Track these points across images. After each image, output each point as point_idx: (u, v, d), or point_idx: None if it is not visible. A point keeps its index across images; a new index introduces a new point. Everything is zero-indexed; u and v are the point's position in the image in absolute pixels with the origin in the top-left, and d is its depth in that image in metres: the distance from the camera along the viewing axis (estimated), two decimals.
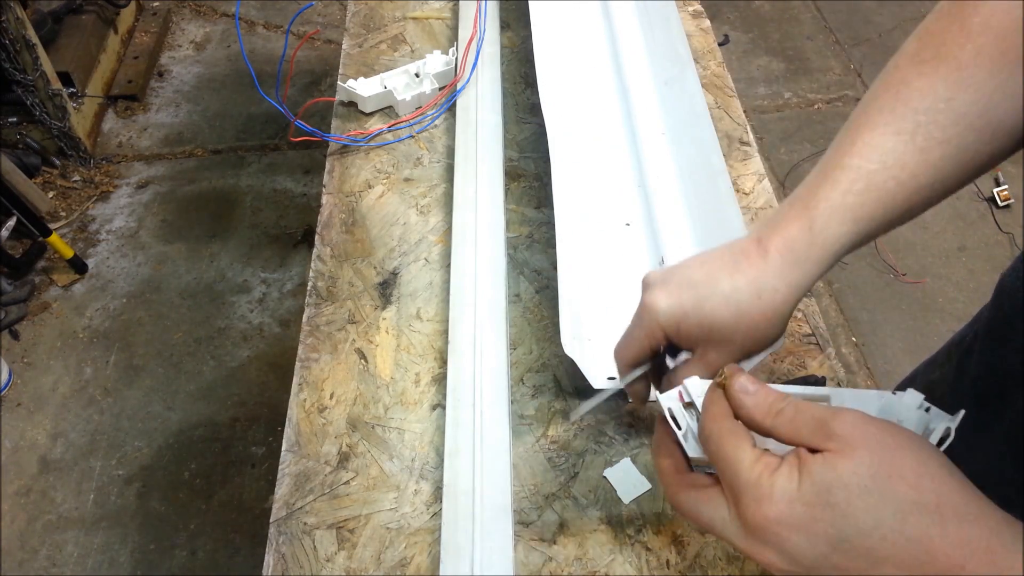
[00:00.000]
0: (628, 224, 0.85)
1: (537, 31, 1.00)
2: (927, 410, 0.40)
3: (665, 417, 0.45)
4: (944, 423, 0.39)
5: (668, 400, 0.45)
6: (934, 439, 0.38)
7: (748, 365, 0.49)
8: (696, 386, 0.44)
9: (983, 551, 0.32)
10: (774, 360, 0.76)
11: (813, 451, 0.36)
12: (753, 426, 0.40)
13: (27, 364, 1.93)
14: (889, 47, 2.71)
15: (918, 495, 0.33)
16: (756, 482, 0.36)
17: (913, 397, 0.41)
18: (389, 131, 0.97)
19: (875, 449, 0.34)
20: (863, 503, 0.33)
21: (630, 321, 0.51)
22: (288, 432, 0.71)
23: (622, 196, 0.88)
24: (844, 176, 0.46)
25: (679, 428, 0.44)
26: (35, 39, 2.04)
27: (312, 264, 0.84)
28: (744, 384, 0.41)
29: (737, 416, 0.40)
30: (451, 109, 0.99)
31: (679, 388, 0.45)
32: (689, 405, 0.45)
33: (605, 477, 0.68)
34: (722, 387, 0.42)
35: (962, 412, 0.40)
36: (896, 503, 0.33)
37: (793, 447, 0.38)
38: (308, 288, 0.82)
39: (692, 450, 0.43)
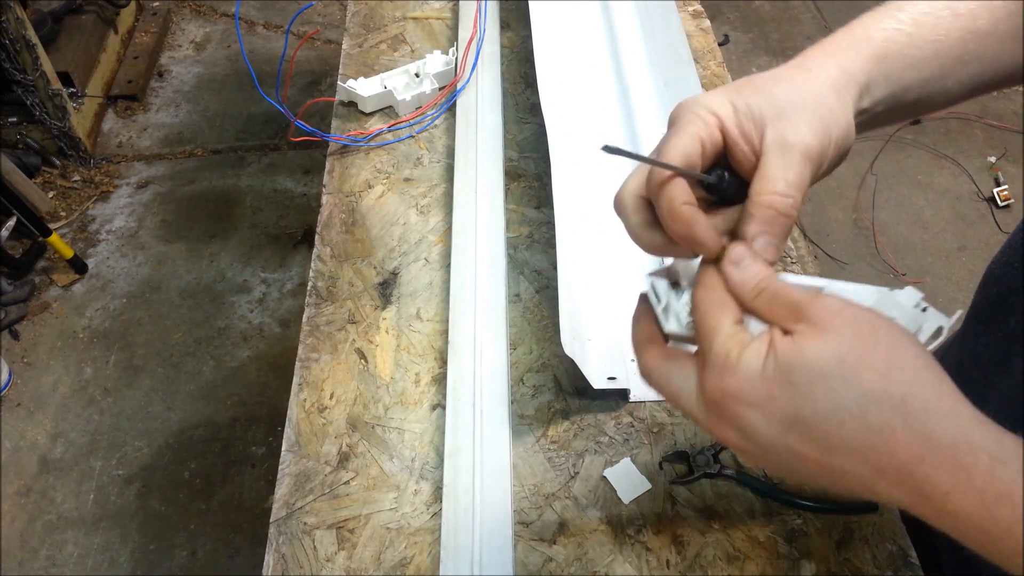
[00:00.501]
0: None
1: (537, 31, 1.00)
2: (924, 310, 0.38)
3: (648, 293, 0.44)
4: (937, 321, 0.38)
5: (652, 276, 0.44)
6: (924, 336, 0.37)
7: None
8: (684, 267, 0.43)
9: (947, 447, 0.31)
10: None
11: (786, 333, 0.35)
12: (737, 301, 0.38)
13: (27, 364, 1.93)
14: None
15: (885, 385, 0.32)
16: (725, 354, 0.35)
17: (910, 296, 0.39)
18: (389, 131, 0.97)
19: (846, 336, 0.34)
20: (824, 387, 0.33)
21: (667, 135, 0.42)
22: (288, 432, 0.71)
23: None
24: (859, 27, 0.45)
25: (659, 301, 0.43)
26: (35, 39, 2.04)
27: (312, 264, 0.84)
28: (739, 254, 0.39)
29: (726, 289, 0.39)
30: (451, 109, 0.99)
31: (667, 267, 0.44)
32: (675, 285, 0.43)
33: (605, 477, 0.68)
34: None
35: (959, 312, 0.39)
36: (859, 391, 0.32)
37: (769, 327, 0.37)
38: (308, 288, 0.82)
39: (670, 325, 0.42)
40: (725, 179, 0.42)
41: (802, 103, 0.40)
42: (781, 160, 0.39)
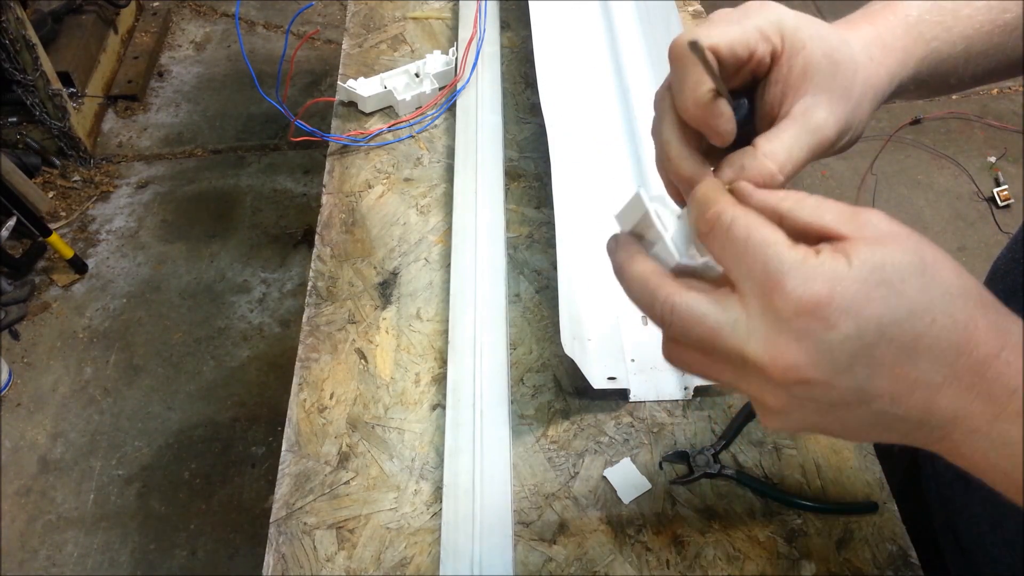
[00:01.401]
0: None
1: (537, 31, 1.00)
2: None
3: (652, 219, 0.38)
4: None
5: (652, 202, 0.39)
6: None
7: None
8: (673, 208, 0.39)
9: (1014, 343, 0.32)
10: None
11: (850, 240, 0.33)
12: (768, 209, 0.35)
13: (27, 364, 1.93)
14: None
15: (963, 282, 0.32)
16: (802, 262, 0.31)
17: None
18: (389, 131, 0.97)
19: (915, 237, 0.33)
20: (917, 282, 0.31)
21: (726, 20, 0.38)
22: (288, 432, 0.71)
23: (622, 196, 0.88)
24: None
25: (666, 229, 0.38)
26: (35, 39, 2.04)
27: (312, 264, 0.84)
28: (761, 167, 0.36)
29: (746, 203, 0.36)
30: (451, 109, 0.99)
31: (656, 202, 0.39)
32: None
33: (605, 477, 0.68)
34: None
35: None
36: (945, 286, 0.32)
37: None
38: (308, 288, 0.82)
39: (681, 255, 0.37)
40: (742, 110, 0.39)
41: (851, 81, 0.39)
42: (799, 136, 0.38)
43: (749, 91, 0.40)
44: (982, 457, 0.33)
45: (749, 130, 0.40)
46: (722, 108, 0.37)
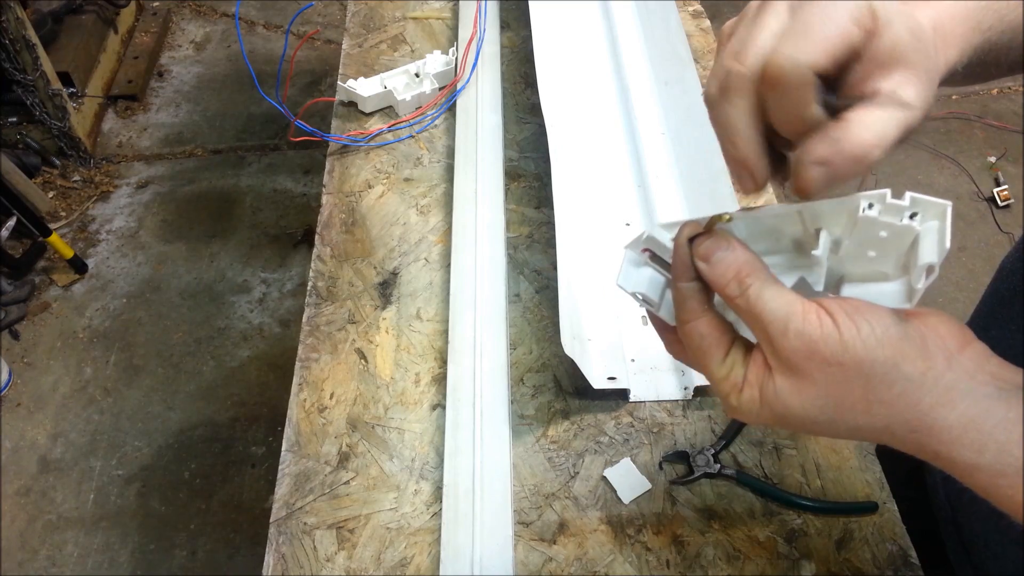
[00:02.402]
0: (628, 224, 0.85)
1: (537, 31, 1.00)
2: (913, 216, 0.37)
3: (638, 301, 0.42)
4: (927, 259, 0.37)
5: (633, 284, 0.41)
6: (917, 280, 0.36)
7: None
8: (662, 236, 0.41)
9: (944, 458, 0.34)
10: None
11: (767, 365, 0.36)
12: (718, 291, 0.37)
13: (27, 364, 1.93)
14: None
15: (868, 419, 0.35)
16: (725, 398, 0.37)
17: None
18: (389, 131, 0.97)
19: (821, 383, 0.35)
20: (812, 427, 0.36)
21: (799, 11, 0.35)
22: (288, 432, 0.71)
23: (622, 196, 0.88)
24: None
25: (657, 304, 0.41)
26: (35, 39, 2.04)
27: (312, 264, 0.84)
28: (708, 248, 0.38)
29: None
30: (451, 109, 0.99)
31: (635, 252, 0.41)
32: (655, 258, 0.41)
33: (605, 477, 0.68)
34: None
35: (949, 205, 0.39)
36: (847, 426, 0.35)
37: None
38: (308, 288, 0.82)
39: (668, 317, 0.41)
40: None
41: (934, 60, 0.37)
42: (892, 113, 0.35)
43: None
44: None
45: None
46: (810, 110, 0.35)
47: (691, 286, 0.39)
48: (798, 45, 0.33)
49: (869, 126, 0.34)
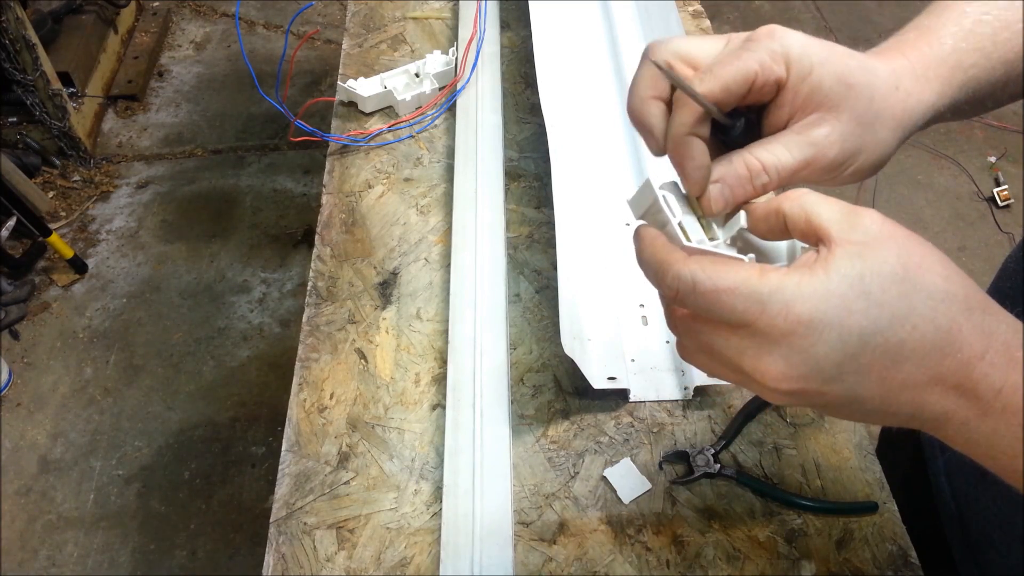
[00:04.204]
0: (628, 224, 0.85)
1: (537, 31, 1.00)
2: None
3: (650, 212, 0.40)
4: None
5: (663, 188, 0.41)
6: None
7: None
8: (676, 189, 0.41)
9: (1002, 343, 0.32)
10: None
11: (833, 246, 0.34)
12: (771, 211, 0.37)
13: (27, 364, 1.93)
14: None
15: (948, 286, 0.33)
16: (779, 287, 0.33)
17: None
18: (389, 131, 0.97)
19: (902, 242, 0.34)
20: (897, 290, 0.32)
21: (728, 53, 0.40)
22: (288, 432, 0.71)
23: (622, 196, 0.88)
24: (970, 8, 0.44)
25: (674, 215, 0.40)
26: (35, 39, 2.04)
27: (312, 264, 0.84)
28: (756, 165, 0.39)
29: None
30: (451, 109, 0.99)
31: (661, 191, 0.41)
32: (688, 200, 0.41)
33: (605, 477, 0.68)
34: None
35: None
36: (927, 291, 0.33)
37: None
38: (308, 288, 0.82)
39: (694, 240, 0.39)
40: (738, 128, 0.41)
41: (868, 101, 0.40)
42: (792, 143, 0.39)
43: (758, 110, 0.41)
44: (974, 447, 0.34)
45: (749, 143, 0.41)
46: (696, 150, 0.39)
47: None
48: (702, 76, 0.38)
49: (760, 155, 0.38)
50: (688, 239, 0.39)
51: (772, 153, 0.39)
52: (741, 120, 0.41)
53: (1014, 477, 0.34)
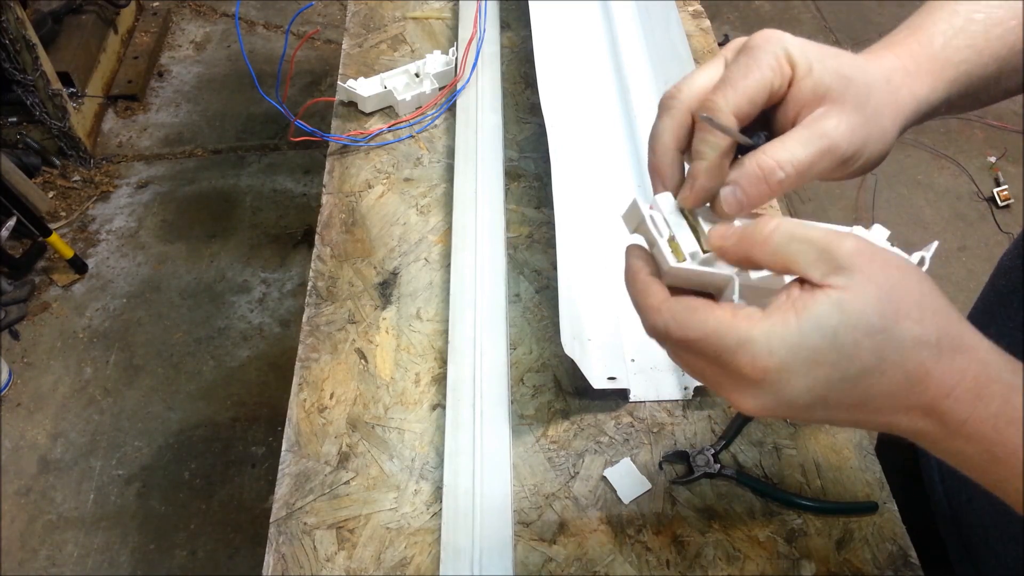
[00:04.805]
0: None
1: (537, 31, 1.00)
2: (892, 244, 0.40)
3: (640, 229, 0.40)
4: (918, 253, 0.40)
5: (652, 208, 0.40)
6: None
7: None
8: (667, 203, 0.40)
9: (971, 379, 0.33)
10: None
11: (814, 286, 0.34)
12: (740, 251, 0.37)
13: (27, 364, 1.93)
14: None
15: (921, 330, 0.33)
16: (747, 338, 0.34)
17: (880, 232, 0.41)
18: (389, 131, 0.97)
19: (882, 284, 0.34)
20: (871, 343, 0.33)
21: (732, 65, 0.40)
22: (288, 432, 0.71)
23: (622, 196, 0.88)
24: (961, 7, 0.45)
25: (661, 234, 0.39)
26: (35, 39, 2.04)
27: (312, 264, 0.84)
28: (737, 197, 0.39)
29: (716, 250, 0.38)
30: (451, 109, 0.99)
31: (649, 211, 0.40)
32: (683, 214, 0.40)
33: (605, 477, 0.68)
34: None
35: (935, 243, 0.41)
36: (900, 341, 0.33)
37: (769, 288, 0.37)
38: (308, 288, 0.82)
39: (672, 261, 0.38)
40: (762, 141, 0.40)
41: (864, 96, 0.40)
42: (804, 138, 0.39)
43: (768, 113, 0.42)
44: (947, 458, 0.36)
45: None
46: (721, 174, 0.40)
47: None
48: (726, 94, 0.39)
49: (773, 152, 0.39)
50: (679, 256, 0.39)
51: (786, 149, 0.39)
52: (763, 134, 0.41)
53: (989, 486, 0.35)
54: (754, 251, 0.36)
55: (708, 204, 0.41)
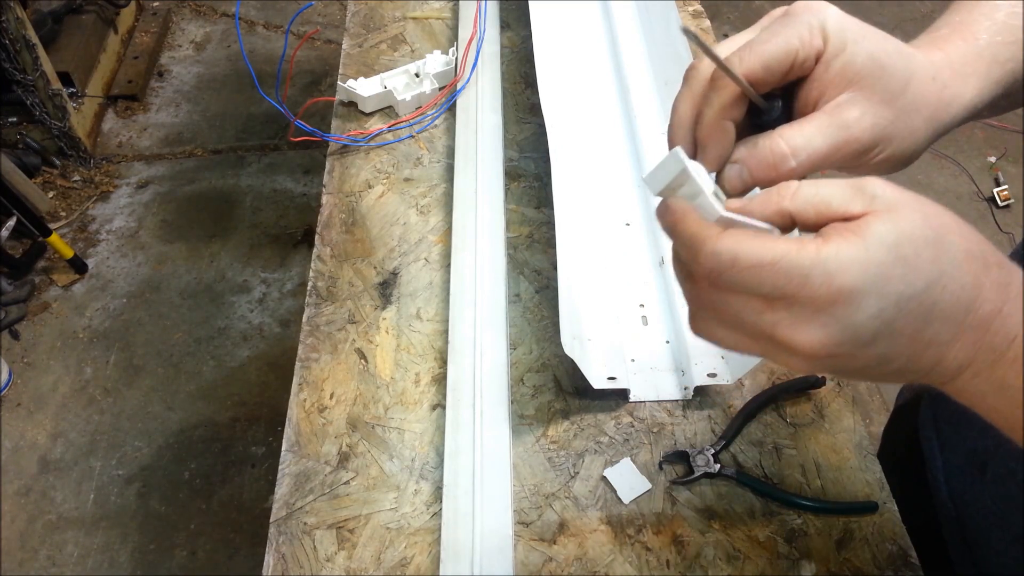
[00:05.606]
0: (628, 224, 0.85)
1: (537, 31, 1.00)
2: None
3: (673, 184, 0.37)
4: None
5: (690, 161, 0.38)
6: None
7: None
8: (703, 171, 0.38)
9: (1015, 296, 0.34)
10: None
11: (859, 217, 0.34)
12: (774, 215, 0.35)
13: (27, 364, 1.93)
14: None
15: (968, 244, 0.34)
16: (820, 258, 0.32)
17: None
18: (389, 131, 0.97)
19: (922, 206, 0.34)
20: (929, 254, 0.33)
21: (767, 30, 0.39)
22: (288, 432, 0.71)
23: (622, 196, 0.88)
24: (1001, 3, 0.44)
25: (706, 186, 0.37)
26: (35, 39, 2.04)
27: (312, 264, 0.84)
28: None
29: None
30: (451, 109, 0.99)
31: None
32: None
33: (605, 477, 0.68)
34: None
35: None
36: (954, 252, 0.33)
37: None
38: (308, 288, 0.82)
39: (720, 209, 0.36)
40: (776, 110, 0.39)
41: (899, 89, 0.39)
42: (824, 125, 0.38)
43: (789, 91, 0.40)
44: (981, 399, 0.35)
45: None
46: (727, 136, 0.39)
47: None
48: (741, 54, 0.38)
49: (789, 137, 0.37)
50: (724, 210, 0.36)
51: (803, 135, 0.38)
52: (778, 102, 0.39)
53: (1014, 428, 0.35)
54: (785, 203, 0.35)
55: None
